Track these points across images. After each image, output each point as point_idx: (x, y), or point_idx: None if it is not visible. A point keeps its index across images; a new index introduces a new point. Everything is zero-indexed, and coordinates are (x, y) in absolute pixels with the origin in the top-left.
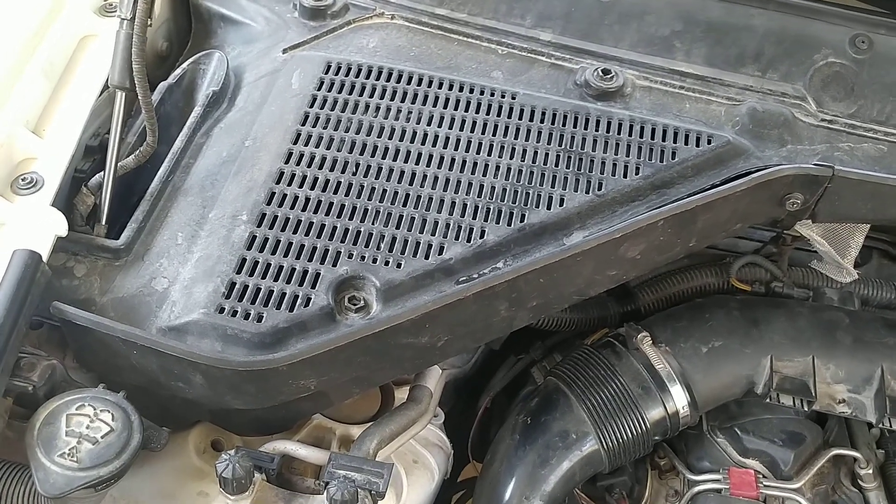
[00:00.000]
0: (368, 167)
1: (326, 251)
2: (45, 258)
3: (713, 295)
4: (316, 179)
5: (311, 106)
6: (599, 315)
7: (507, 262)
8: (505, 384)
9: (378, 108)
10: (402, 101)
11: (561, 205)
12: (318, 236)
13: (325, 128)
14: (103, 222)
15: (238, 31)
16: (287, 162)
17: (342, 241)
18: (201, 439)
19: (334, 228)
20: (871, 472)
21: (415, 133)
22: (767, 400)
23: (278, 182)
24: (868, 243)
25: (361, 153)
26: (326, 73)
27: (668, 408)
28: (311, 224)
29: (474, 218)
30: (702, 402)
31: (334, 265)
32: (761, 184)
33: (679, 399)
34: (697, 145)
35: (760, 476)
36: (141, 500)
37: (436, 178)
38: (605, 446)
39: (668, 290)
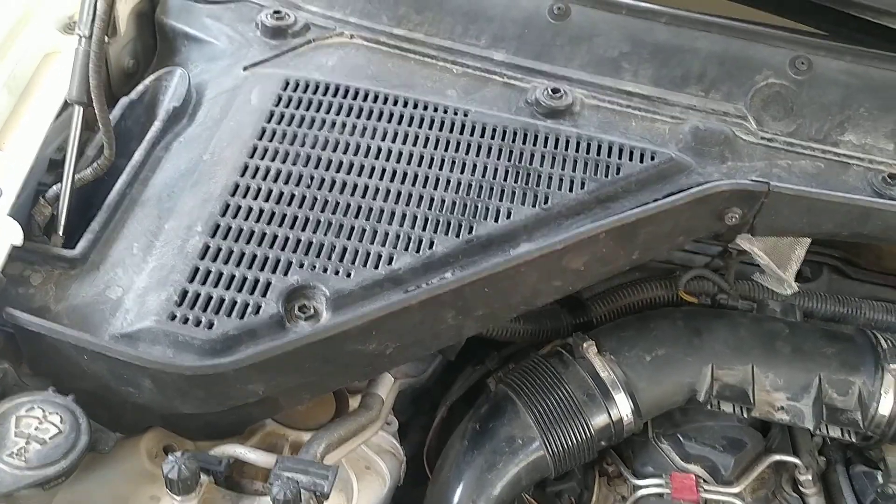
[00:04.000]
0: (322, 180)
1: (278, 261)
2: None
3: (662, 307)
4: (270, 192)
5: (269, 121)
6: (553, 326)
7: (454, 272)
8: (461, 394)
9: (334, 124)
10: (358, 117)
11: (508, 217)
12: (271, 246)
13: (281, 142)
14: (60, 233)
15: (201, 49)
16: (243, 175)
17: (294, 252)
18: (153, 444)
19: (286, 239)
20: (810, 478)
21: (369, 148)
22: (709, 407)
23: (233, 194)
24: (819, 259)
25: (316, 167)
26: (285, 89)
27: (612, 415)
28: (263, 235)
29: (424, 230)
30: (645, 410)
31: (285, 274)
32: (701, 198)
33: (623, 406)
34: (641, 161)
35: (701, 481)
36: None
37: (388, 191)
38: (551, 452)
39: (620, 302)
